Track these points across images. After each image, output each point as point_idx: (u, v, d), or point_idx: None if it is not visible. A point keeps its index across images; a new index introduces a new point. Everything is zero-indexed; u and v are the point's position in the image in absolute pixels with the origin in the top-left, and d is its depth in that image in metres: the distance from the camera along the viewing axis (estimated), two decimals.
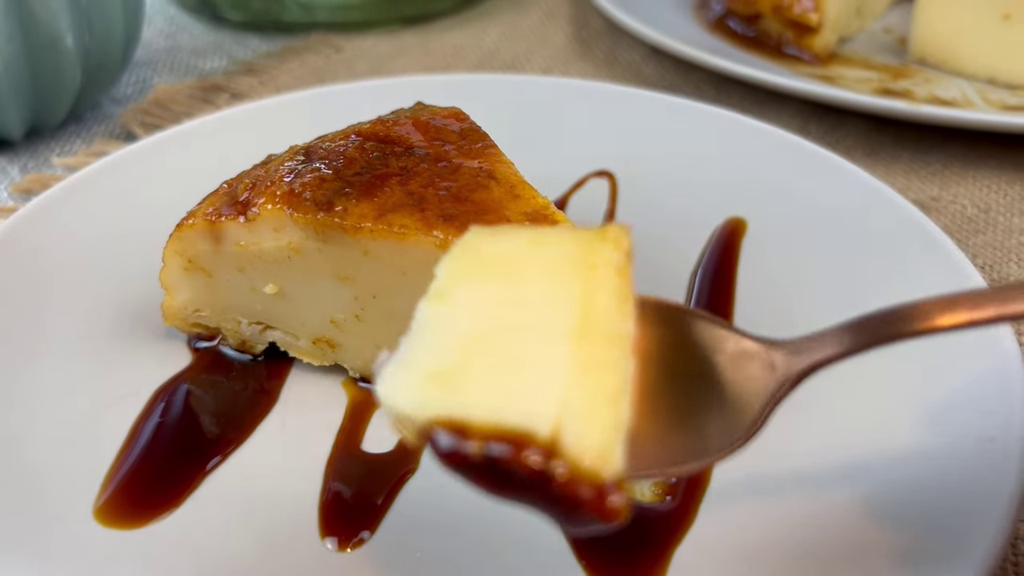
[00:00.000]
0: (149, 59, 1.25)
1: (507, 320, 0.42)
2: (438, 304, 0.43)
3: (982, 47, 1.08)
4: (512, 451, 0.38)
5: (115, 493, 0.59)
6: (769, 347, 0.49)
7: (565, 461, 0.38)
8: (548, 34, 1.31)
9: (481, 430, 0.39)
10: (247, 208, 0.64)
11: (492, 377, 0.40)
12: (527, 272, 0.44)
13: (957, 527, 0.52)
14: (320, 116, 0.80)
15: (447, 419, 0.39)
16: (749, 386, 0.48)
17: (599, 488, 0.38)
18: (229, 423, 0.65)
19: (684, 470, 0.46)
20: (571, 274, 0.43)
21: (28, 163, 1.01)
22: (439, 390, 0.40)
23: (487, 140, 0.68)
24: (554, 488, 0.38)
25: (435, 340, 0.42)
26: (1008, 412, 0.58)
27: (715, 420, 0.47)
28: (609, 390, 0.40)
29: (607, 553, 0.56)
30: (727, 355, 0.49)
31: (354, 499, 0.60)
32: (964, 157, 0.99)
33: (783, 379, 0.48)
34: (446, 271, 0.45)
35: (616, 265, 0.43)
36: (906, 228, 0.74)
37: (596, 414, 0.39)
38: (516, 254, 0.45)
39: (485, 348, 0.41)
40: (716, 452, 0.47)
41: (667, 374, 0.47)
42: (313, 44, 1.27)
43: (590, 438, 0.38)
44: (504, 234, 0.46)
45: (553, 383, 0.40)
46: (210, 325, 0.70)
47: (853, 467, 0.59)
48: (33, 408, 0.64)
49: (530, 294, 0.43)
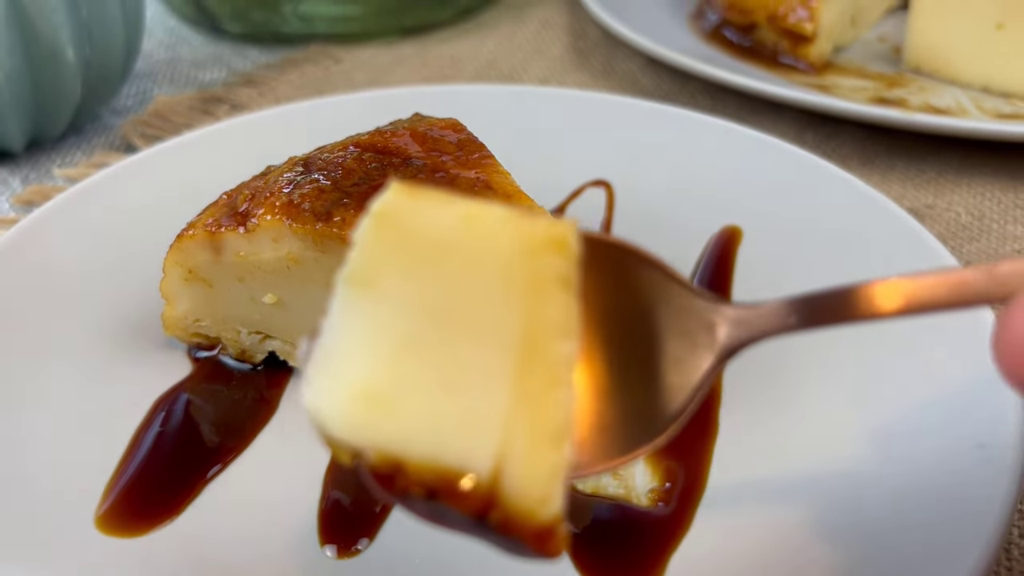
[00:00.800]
0: (149, 71, 1.26)
1: (442, 329, 0.38)
2: (362, 290, 0.39)
3: (976, 56, 1.09)
4: (449, 489, 0.37)
5: (116, 501, 0.60)
6: (714, 310, 0.45)
7: (504, 504, 0.36)
8: (545, 44, 1.32)
9: (417, 467, 0.37)
10: (246, 219, 0.65)
11: (428, 404, 0.37)
12: (461, 266, 0.39)
13: (948, 534, 0.52)
14: (319, 127, 0.81)
15: (381, 450, 0.37)
16: (689, 357, 0.45)
17: (538, 529, 0.36)
18: (229, 432, 0.66)
19: (619, 463, 0.44)
20: (511, 280, 0.39)
21: (29, 174, 1.02)
22: (372, 415, 0.37)
23: (484, 151, 0.69)
24: (492, 527, 0.37)
25: (364, 344, 0.39)
26: (998, 418, 0.58)
27: (650, 397, 0.45)
28: (551, 428, 0.37)
29: (604, 560, 0.56)
30: (671, 311, 0.45)
31: (353, 507, 0.60)
32: (959, 165, 1.00)
33: (721, 352, 0.45)
34: (368, 243, 0.40)
35: (562, 277, 0.39)
36: (901, 236, 0.75)
37: (537, 456, 0.37)
38: (447, 239, 0.39)
39: (419, 364, 0.38)
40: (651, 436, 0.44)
41: (606, 335, 0.44)
42: (312, 55, 1.28)
43: (531, 482, 0.36)
44: (431, 204, 0.40)
45: (492, 418, 0.37)
46: (210, 335, 0.71)
47: (844, 473, 0.59)
48: (34, 417, 0.65)
49: (466, 298, 0.39)
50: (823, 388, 0.66)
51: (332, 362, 0.39)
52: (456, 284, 0.39)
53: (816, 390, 0.66)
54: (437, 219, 0.40)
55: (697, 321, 0.45)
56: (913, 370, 0.64)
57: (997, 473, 0.55)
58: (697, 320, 0.45)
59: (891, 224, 0.76)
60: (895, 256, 0.73)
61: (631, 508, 0.59)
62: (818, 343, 0.68)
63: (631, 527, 0.58)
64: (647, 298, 0.45)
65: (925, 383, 0.63)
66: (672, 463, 0.62)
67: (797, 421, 0.64)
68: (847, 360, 0.67)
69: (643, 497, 0.60)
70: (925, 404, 0.62)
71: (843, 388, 0.65)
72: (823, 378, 0.66)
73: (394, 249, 0.40)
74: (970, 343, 0.64)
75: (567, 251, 0.39)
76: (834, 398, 0.65)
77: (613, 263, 0.45)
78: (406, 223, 0.40)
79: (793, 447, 0.62)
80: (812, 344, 0.68)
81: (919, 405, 0.62)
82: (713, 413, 0.65)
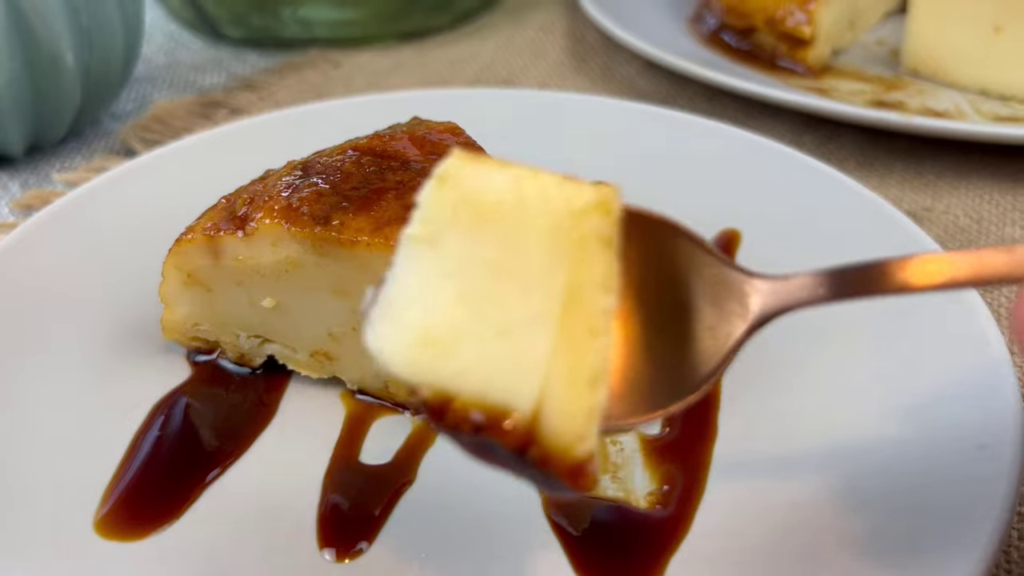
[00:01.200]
0: (149, 75, 1.26)
1: (494, 284, 0.42)
2: (425, 247, 0.43)
3: (974, 59, 1.09)
4: (494, 424, 0.40)
5: (115, 506, 0.60)
6: (746, 281, 0.49)
7: (542, 441, 0.40)
8: (544, 48, 1.33)
9: (466, 403, 0.41)
10: (245, 223, 0.65)
11: (479, 348, 0.41)
12: (514, 227, 0.42)
13: (948, 535, 0.52)
14: (318, 131, 0.81)
15: (435, 387, 0.41)
16: (721, 324, 0.48)
17: (572, 464, 0.40)
18: (228, 436, 0.66)
19: (651, 417, 0.47)
20: (558, 239, 0.42)
21: (29, 179, 1.02)
22: (429, 356, 0.41)
23: (482, 154, 0.69)
24: (530, 461, 0.40)
25: (424, 294, 0.42)
26: (999, 419, 0.58)
27: (683, 360, 0.48)
28: (589, 373, 0.41)
29: (604, 562, 0.56)
30: (705, 281, 0.49)
31: (352, 510, 0.60)
32: (957, 168, 1.00)
33: (753, 321, 0.48)
34: (431, 205, 0.44)
35: (604, 237, 0.42)
36: (899, 239, 0.75)
37: (575, 398, 0.40)
38: (502, 200, 0.43)
39: (473, 314, 0.42)
40: (682, 395, 0.48)
41: (644, 301, 0.47)
42: (312, 60, 1.29)
43: (567, 421, 0.40)
44: (486, 168, 0.44)
45: (536, 362, 0.41)
46: (209, 339, 0.71)
47: (844, 475, 0.59)
48: (34, 421, 0.65)
49: (517, 257, 0.42)
50: (822, 393, 0.66)
51: (394, 309, 0.43)
52: (508, 241, 0.42)
53: (815, 395, 0.66)
54: (492, 182, 0.43)
55: (731, 291, 0.48)
56: (912, 372, 0.64)
57: (997, 474, 0.55)
58: (731, 290, 0.48)
59: (889, 227, 0.76)
60: None
61: (630, 510, 0.59)
62: (816, 347, 0.69)
63: (630, 529, 0.58)
64: (684, 268, 0.49)
65: (924, 383, 0.63)
66: (671, 466, 0.62)
67: (795, 425, 0.64)
68: (845, 364, 0.67)
69: (642, 500, 0.60)
70: (924, 405, 0.62)
71: (842, 392, 0.65)
72: (821, 382, 0.66)
73: (453, 209, 0.43)
74: (970, 341, 0.64)
75: (609, 213, 0.42)
76: (833, 402, 0.65)
77: (652, 235, 0.49)
78: (464, 186, 0.43)
79: (791, 451, 0.62)
80: (811, 348, 0.69)
81: (919, 407, 0.62)
82: (712, 417, 0.65)
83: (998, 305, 0.80)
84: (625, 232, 0.44)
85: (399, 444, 0.65)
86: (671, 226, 0.49)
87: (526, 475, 0.43)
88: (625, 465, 0.62)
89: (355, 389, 0.69)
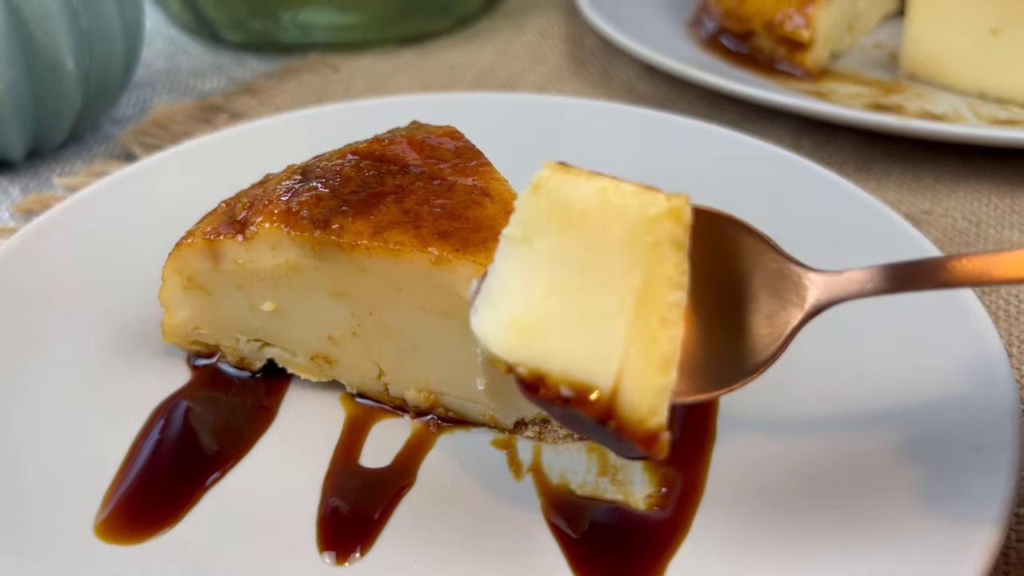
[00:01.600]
0: (149, 80, 1.26)
1: (580, 279, 0.48)
2: (522, 246, 0.50)
3: (972, 62, 1.09)
4: (580, 398, 0.47)
5: (116, 509, 0.60)
6: (804, 274, 0.54)
7: (620, 414, 0.47)
8: (543, 53, 1.33)
9: (556, 379, 0.48)
10: (245, 227, 0.65)
11: (567, 333, 0.48)
12: (598, 230, 0.48)
13: (946, 540, 0.53)
14: (317, 136, 0.81)
15: (529, 366, 0.48)
16: (779, 313, 0.54)
17: (646, 434, 0.46)
18: (228, 439, 0.66)
19: (714, 395, 0.54)
20: (636, 242, 0.48)
21: (29, 183, 1.02)
22: (524, 340, 0.48)
23: (481, 158, 0.69)
24: (610, 430, 0.47)
25: (520, 287, 0.49)
26: (997, 423, 0.58)
27: (743, 344, 0.54)
28: (661, 358, 0.47)
29: (602, 564, 0.56)
30: (767, 274, 0.55)
31: (351, 514, 0.60)
32: (955, 171, 1.00)
33: (809, 310, 0.54)
34: (527, 209, 0.50)
35: (676, 241, 0.48)
36: (898, 242, 0.75)
37: (648, 378, 0.47)
38: (587, 207, 0.49)
39: (562, 305, 0.48)
40: (743, 376, 0.54)
41: (708, 289, 0.53)
42: (311, 64, 1.29)
43: (642, 398, 0.46)
44: (574, 179, 0.50)
45: (615, 347, 0.47)
46: (209, 342, 0.71)
47: (841, 478, 0.59)
48: (35, 425, 0.65)
49: (600, 256, 0.48)
50: (818, 397, 0.66)
51: (495, 299, 0.50)
52: (593, 243, 0.48)
53: (811, 399, 0.66)
54: (578, 190, 0.49)
55: (789, 283, 0.54)
56: (910, 376, 0.64)
57: (994, 478, 0.55)
58: (789, 282, 0.54)
59: (888, 230, 0.76)
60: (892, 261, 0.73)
61: (629, 512, 0.59)
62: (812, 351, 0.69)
63: (629, 531, 0.58)
64: (747, 262, 0.55)
65: (922, 388, 0.63)
66: (669, 469, 0.62)
67: (792, 428, 0.64)
68: (842, 368, 0.67)
69: (641, 502, 0.60)
70: (922, 409, 0.62)
71: (839, 396, 0.65)
72: (818, 387, 0.67)
73: (546, 214, 0.50)
74: (968, 346, 0.64)
75: (680, 220, 0.48)
76: (829, 406, 0.65)
77: (720, 231, 0.55)
78: (555, 194, 0.49)
79: (786, 454, 0.62)
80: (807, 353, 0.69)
81: (916, 410, 0.62)
82: (711, 420, 0.65)
83: (996, 308, 0.80)
84: (694, 229, 0.48)
85: (399, 447, 0.65)
86: (737, 223, 0.55)
87: (607, 442, 0.50)
88: (624, 468, 0.62)
89: (355, 392, 0.69)
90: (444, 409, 0.67)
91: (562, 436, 0.65)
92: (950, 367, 0.64)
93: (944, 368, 0.64)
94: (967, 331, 0.66)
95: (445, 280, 0.61)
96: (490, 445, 0.65)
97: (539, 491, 0.61)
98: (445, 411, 0.67)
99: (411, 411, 0.68)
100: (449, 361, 0.65)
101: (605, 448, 0.53)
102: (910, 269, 0.52)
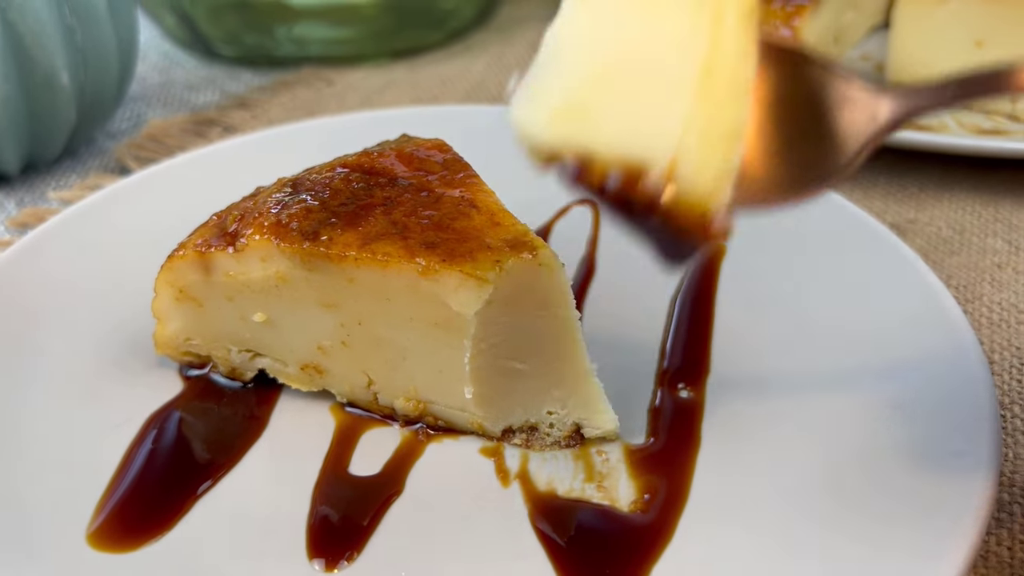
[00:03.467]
0: (143, 94, 1.27)
1: (638, 49, 0.45)
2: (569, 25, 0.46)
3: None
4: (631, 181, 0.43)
5: (109, 518, 0.61)
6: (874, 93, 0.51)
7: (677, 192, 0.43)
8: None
9: (606, 161, 0.44)
10: (236, 239, 0.66)
11: (619, 112, 0.44)
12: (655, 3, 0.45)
13: (926, 543, 0.53)
14: (308, 149, 0.82)
15: (575, 149, 0.44)
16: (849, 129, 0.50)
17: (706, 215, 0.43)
18: (219, 448, 0.67)
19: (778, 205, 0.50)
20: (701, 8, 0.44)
21: (24, 197, 1.03)
22: (572, 122, 0.45)
23: (469, 170, 0.70)
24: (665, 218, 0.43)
25: (565, 69, 0.45)
26: (977, 426, 0.59)
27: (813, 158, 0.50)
28: (725, 128, 0.43)
29: (589, 570, 0.57)
30: (834, 97, 0.50)
31: (341, 522, 0.61)
32: (940, 180, 1.01)
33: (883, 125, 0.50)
34: None
35: (744, 9, 0.45)
36: (882, 251, 0.76)
37: (710, 152, 0.43)
38: None
39: (613, 81, 0.44)
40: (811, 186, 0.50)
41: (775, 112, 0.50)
42: (305, 78, 1.30)
43: (703, 173, 0.43)
44: None
45: (673, 120, 0.43)
46: (201, 353, 0.72)
47: (823, 483, 0.60)
48: (28, 436, 0.66)
49: (662, 22, 0.44)
50: (801, 403, 0.67)
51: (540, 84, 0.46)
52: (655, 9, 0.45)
53: (795, 407, 0.67)
54: None
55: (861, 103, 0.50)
56: (891, 381, 0.65)
57: (973, 482, 0.56)
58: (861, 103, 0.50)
59: (873, 239, 0.77)
60: (877, 270, 0.75)
61: (614, 518, 0.60)
62: (797, 358, 0.70)
63: (614, 537, 0.59)
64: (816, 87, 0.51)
65: (903, 393, 0.64)
66: (654, 476, 0.63)
67: (772, 433, 0.65)
68: (825, 374, 0.68)
69: (626, 509, 0.61)
70: (903, 414, 0.63)
71: (821, 401, 0.66)
72: (801, 393, 0.67)
73: None
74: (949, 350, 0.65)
75: None
76: (812, 411, 0.66)
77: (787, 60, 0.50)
78: None
79: (769, 459, 0.63)
80: (791, 360, 0.70)
81: (897, 415, 0.63)
82: (695, 426, 0.66)
83: (979, 315, 0.81)
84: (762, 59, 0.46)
85: (388, 456, 0.66)
86: (803, 54, 0.51)
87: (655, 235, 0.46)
88: (610, 475, 0.63)
89: (344, 402, 0.70)
90: (433, 418, 0.68)
91: (549, 444, 0.66)
92: (932, 373, 0.65)
93: (926, 374, 0.65)
94: (949, 338, 0.66)
95: (432, 290, 0.62)
96: (478, 453, 0.66)
97: (526, 498, 0.62)
98: (434, 420, 0.68)
99: (400, 420, 0.68)
100: (437, 370, 0.66)
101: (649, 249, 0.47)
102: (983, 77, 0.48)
